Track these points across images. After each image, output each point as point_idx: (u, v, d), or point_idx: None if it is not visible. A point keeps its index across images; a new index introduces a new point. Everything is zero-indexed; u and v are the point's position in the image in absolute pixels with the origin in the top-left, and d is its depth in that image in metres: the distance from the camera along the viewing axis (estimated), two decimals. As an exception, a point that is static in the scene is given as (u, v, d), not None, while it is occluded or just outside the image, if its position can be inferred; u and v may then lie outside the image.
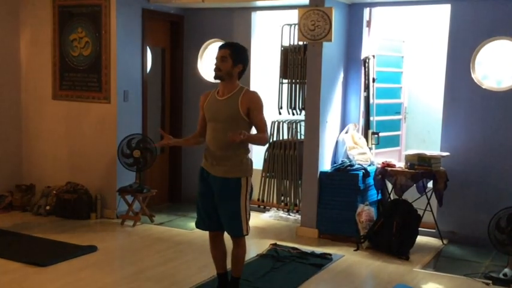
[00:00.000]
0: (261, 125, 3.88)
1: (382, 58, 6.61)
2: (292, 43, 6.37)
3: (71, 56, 6.48)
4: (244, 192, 3.86)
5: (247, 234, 3.94)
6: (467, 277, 4.74)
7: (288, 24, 6.45)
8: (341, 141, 6.08)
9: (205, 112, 3.92)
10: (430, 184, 5.67)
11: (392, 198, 5.84)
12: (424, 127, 7.37)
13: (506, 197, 5.41)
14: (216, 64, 3.84)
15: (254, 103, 3.84)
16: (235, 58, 3.82)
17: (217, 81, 3.93)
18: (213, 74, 3.86)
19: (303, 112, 6.22)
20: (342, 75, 6.17)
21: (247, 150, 3.92)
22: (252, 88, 6.39)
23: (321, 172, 5.81)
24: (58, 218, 6.28)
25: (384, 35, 6.69)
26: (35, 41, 6.72)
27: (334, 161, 6.08)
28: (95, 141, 6.40)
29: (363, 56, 6.18)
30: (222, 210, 3.88)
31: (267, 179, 6.64)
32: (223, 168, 3.84)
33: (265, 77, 6.87)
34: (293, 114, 6.43)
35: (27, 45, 6.79)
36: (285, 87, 6.48)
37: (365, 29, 6.20)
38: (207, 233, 4.10)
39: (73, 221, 6.17)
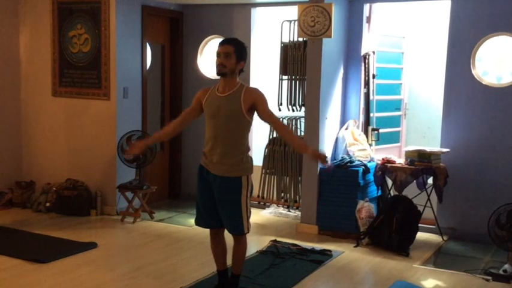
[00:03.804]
0: (274, 118, 3.86)
1: (382, 54, 6.60)
2: (292, 39, 6.37)
3: (71, 52, 6.47)
4: (245, 191, 3.84)
5: (248, 232, 3.94)
6: (467, 273, 4.74)
7: (287, 21, 6.44)
8: (341, 137, 6.07)
9: (206, 109, 3.88)
10: (430, 180, 5.67)
11: (392, 194, 5.84)
12: (424, 123, 7.37)
13: (506, 193, 5.40)
14: (220, 60, 3.78)
15: (259, 99, 3.80)
16: (239, 55, 3.80)
17: (217, 77, 3.92)
18: (216, 70, 3.80)
19: (303, 108, 6.22)
20: (341, 71, 6.16)
21: (248, 148, 3.90)
22: (252, 85, 6.39)
23: (321, 168, 5.80)
24: (58, 215, 6.28)
25: (384, 31, 6.68)
26: (35, 38, 6.71)
27: (334, 158, 6.08)
28: (94, 137, 6.40)
29: (363, 52, 6.17)
30: (223, 209, 3.87)
31: (267, 176, 6.64)
32: (223, 167, 3.82)
33: (264, 74, 6.86)
34: (293, 110, 6.43)
35: (26, 42, 6.78)
36: (285, 83, 6.47)
37: (365, 25, 6.19)
38: (207, 229, 4.10)
39: (73, 218, 6.17)
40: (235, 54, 3.78)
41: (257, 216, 6.33)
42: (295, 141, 4.02)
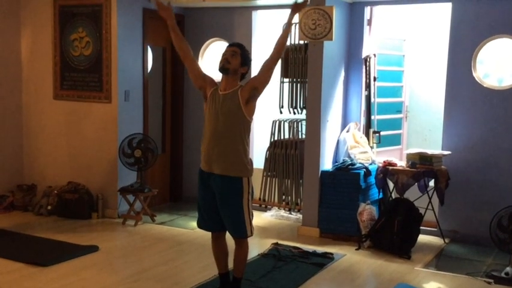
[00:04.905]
0: (267, 64, 3.83)
1: (383, 57, 6.60)
2: (293, 42, 6.36)
3: (72, 55, 6.47)
4: (246, 195, 3.84)
5: (251, 236, 3.93)
6: (469, 276, 4.74)
7: (288, 23, 6.44)
8: (342, 140, 6.07)
9: (208, 105, 3.91)
10: (431, 183, 5.66)
11: (393, 197, 5.84)
12: (425, 126, 7.37)
13: (508, 196, 5.40)
14: (225, 57, 3.84)
15: (250, 80, 3.86)
16: (244, 58, 3.87)
17: (218, 80, 3.94)
18: (220, 64, 3.84)
19: (304, 111, 6.22)
20: (343, 74, 6.16)
21: (247, 150, 3.88)
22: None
23: (322, 171, 5.81)
24: (59, 218, 6.28)
25: (385, 33, 6.69)
26: (36, 41, 6.72)
27: (335, 160, 6.08)
28: (96, 141, 6.40)
29: (364, 55, 6.17)
30: (224, 213, 3.88)
31: (268, 178, 6.63)
32: (222, 165, 3.82)
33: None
34: (294, 113, 6.43)
35: (28, 45, 6.79)
36: (286, 86, 6.47)
37: (366, 28, 6.20)
38: (208, 232, 4.10)
39: (74, 221, 6.17)
40: (241, 56, 3.85)
41: (258, 219, 6.33)
42: (286, 35, 3.89)
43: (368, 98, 6.21)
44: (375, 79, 6.24)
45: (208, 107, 3.90)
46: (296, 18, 5.80)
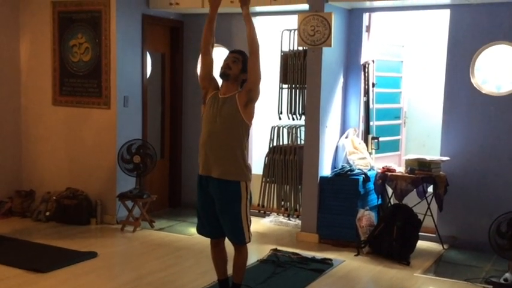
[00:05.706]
0: (251, 53, 3.87)
1: (381, 63, 6.62)
2: (291, 48, 6.38)
3: (71, 61, 6.48)
4: (245, 200, 3.84)
5: (249, 242, 3.93)
6: (468, 282, 4.73)
7: (287, 30, 6.46)
8: (341, 146, 6.08)
9: (206, 108, 3.92)
10: (430, 189, 5.67)
11: (392, 203, 5.84)
12: (423, 132, 7.38)
13: (507, 202, 5.41)
14: (226, 63, 3.88)
15: (246, 83, 3.87)
16: (245, 65, 3.90)
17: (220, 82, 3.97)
18: (221, 70, 3.87)
19: (303, 117, 6.23)
20: (341, 80, 6.17)
21: (245, 155, 3.88)
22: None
23: (321, 177, 5.81)
24: (58, 224, 6.27)
25: (384, 40, 6.70)
26: (35, 47, 6.72)
27: (334, 166, 6.08)
28: (95, 146, 6.40)
29: (362, 61, 6.19)
30: (223, 218, 3.87)
31: (267, 184, 6.63)
32: (220, 169, 3.81)
33: (265, 82, 6.84)
34: (293, 119, 6.43)
35: (27, 51, 6.79)
36: (285, 92, 6.48)
37: (364, 34, 6.21)
38: (207, 238, 4.10)
39: (73, 227, 6.16)
40: (242, 63, 3.89)
41: (257, 224, 6.32)
42: (250, 29, 3.97)
43: (367, 104, 6.22)
44: (373, 85, 6.26)
45: (207, 109, 3.91)
46: (295, 24, 5.86)
